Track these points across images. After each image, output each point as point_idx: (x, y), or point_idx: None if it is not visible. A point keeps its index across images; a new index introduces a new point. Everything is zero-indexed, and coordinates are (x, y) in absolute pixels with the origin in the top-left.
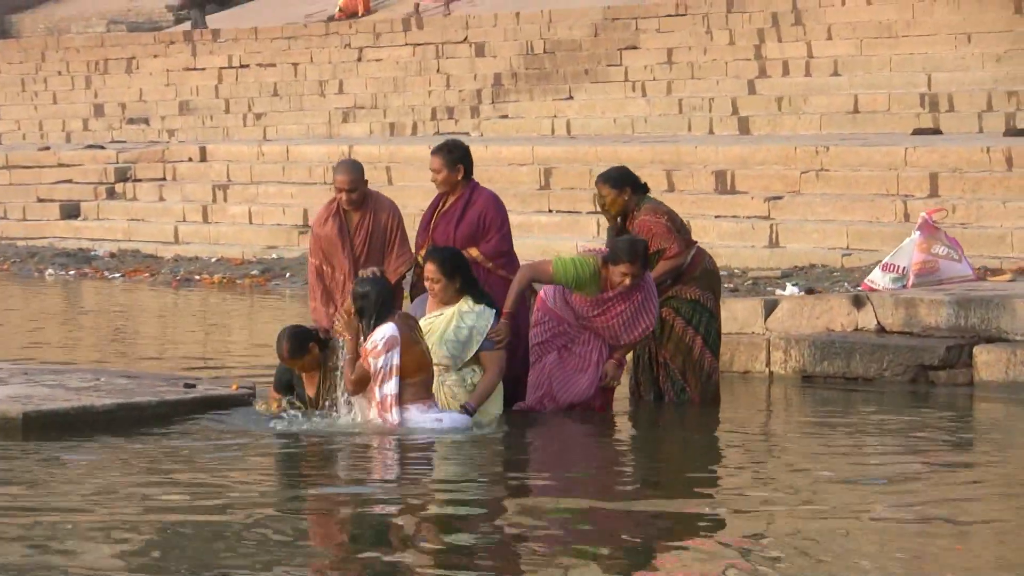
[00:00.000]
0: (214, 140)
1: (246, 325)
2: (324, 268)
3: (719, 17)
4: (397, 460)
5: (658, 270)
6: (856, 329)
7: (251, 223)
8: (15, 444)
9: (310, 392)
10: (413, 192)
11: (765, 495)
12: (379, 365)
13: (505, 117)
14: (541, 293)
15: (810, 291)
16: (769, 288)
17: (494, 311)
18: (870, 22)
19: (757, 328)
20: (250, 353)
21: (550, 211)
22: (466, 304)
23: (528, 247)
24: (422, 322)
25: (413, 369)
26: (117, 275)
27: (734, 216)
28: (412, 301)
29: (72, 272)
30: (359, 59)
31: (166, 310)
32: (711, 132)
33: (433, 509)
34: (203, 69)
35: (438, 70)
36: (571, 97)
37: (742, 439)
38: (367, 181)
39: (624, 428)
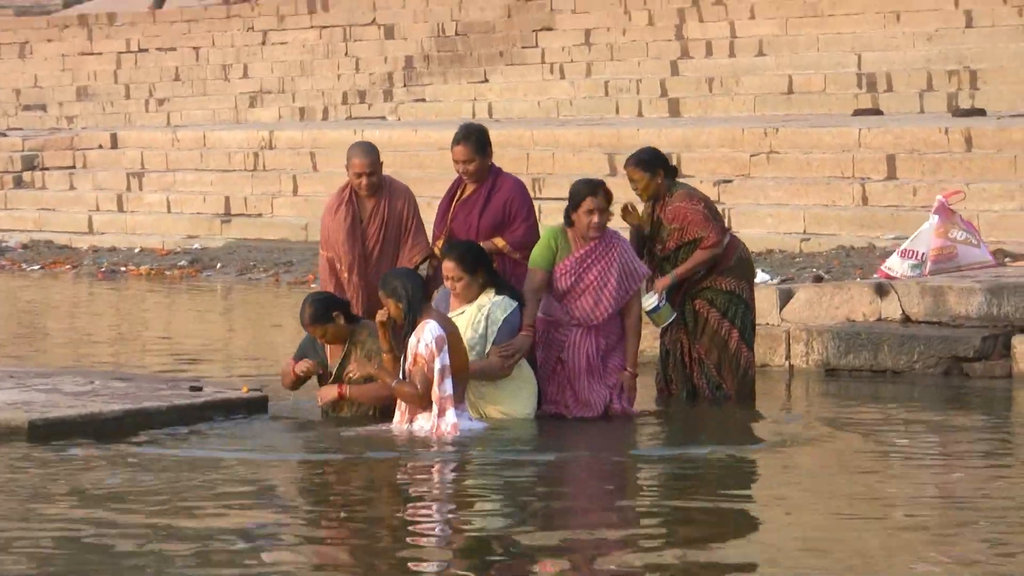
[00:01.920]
0: (116, 127)
1: (217, 320)
2: (335, 263)
3: None
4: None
5: (695, 260)
6: (879, 319)
7: (170, 212)
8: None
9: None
10: (339, 179)
11: None
12: (438, 367)
13: (422, 100)
14: None
15: (818, 279)
16: None
17: (516, 303)
18: (794, 1)
19: (772, 319)
20: (240, 350)
21: None
22: (486, 297)
23: None
24: None
25: (459, 369)
26: (35, 267)
27: None
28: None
29: None
30: (263, 42)
31: (119, 305)
32: (640, 114)
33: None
34: (100, 54)
35: (346, 53)
36: (486, 80)
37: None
38: (383, 164)
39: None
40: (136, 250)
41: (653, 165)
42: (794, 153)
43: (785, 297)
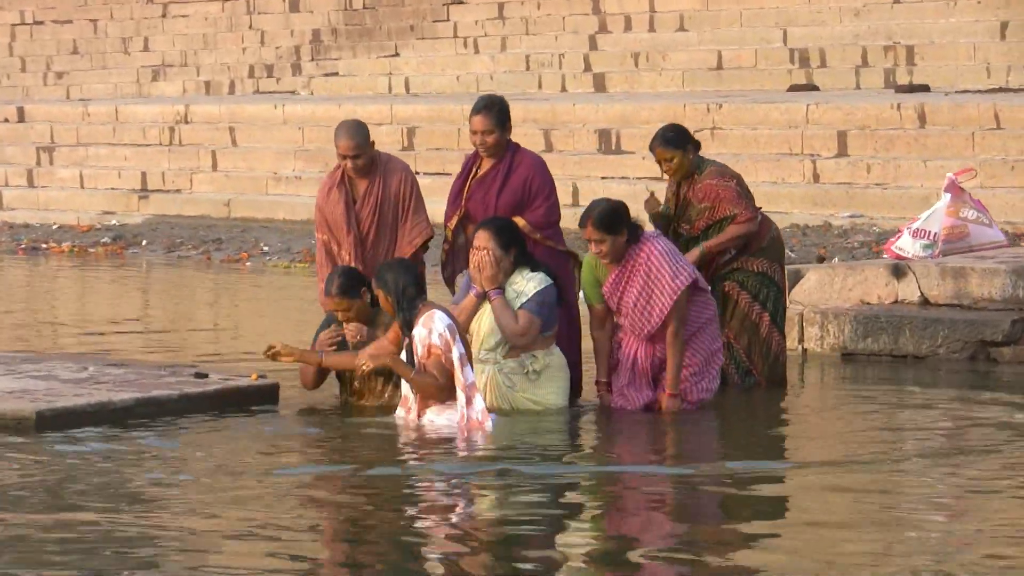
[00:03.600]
0: (16, 100)
1: (181, 300)
2: (332, 245)
3: None
4: None
5: (727, 234)
6: (896, 302)
7: (83, 187)
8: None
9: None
10: (260, 155)
11: None
12: (457, 355)
13: (334, 75)
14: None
15: (821, 259)
16: None
17: (550, 280)
18: None
19: None
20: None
21: (417, 172)
22: (520, 276)
23: None
24: None
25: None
26: None
27: (623, 177)
28: (444, 278)
29: None
30: (164, 15)
31: (65, 286)
32: (564, 89)
33: None
34: None
35: (251, 26)
36: (397, 54)
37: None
38: (374, 143)
39: None
40: (54, 226)
41: (683, 142)
42: (739, 129)
43: (794, 279)
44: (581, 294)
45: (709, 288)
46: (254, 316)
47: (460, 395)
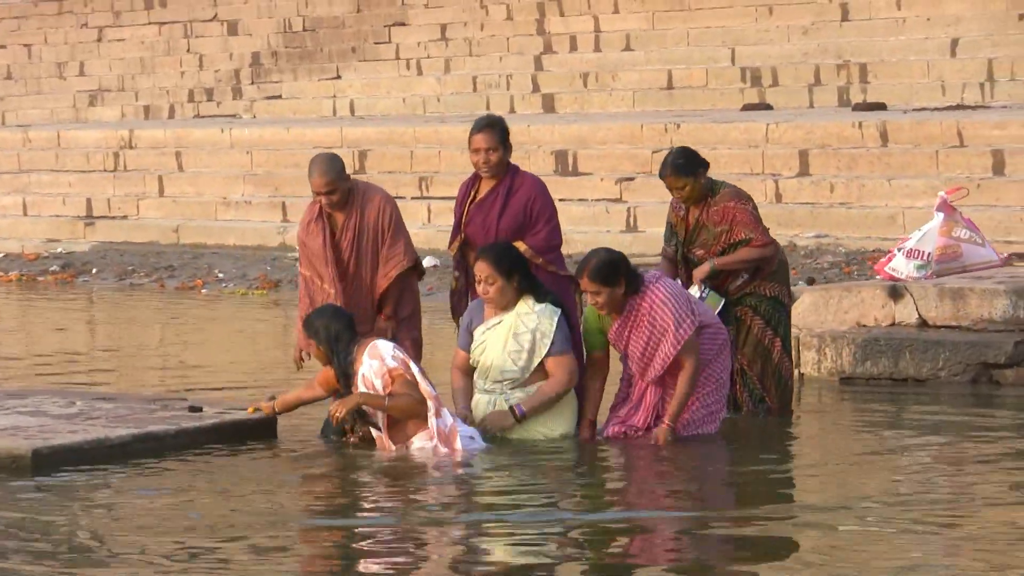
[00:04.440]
0: None
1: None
2: (315, 280)
3: None
4: None
5: (739, 255)
6: (893, 324)
7: (26, 214)
8: None
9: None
10: (208, 180)
11: None
12: (417, 370)
13: (277, 98)
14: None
15: (811, 281)
16: None
17: (559, 310)
18: None
19: None
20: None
21: None
22: (525, 305)
23: None
24: (478, 333)
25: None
26: None
27: (581, 199)
28: (454, 305)
29: None
30: (99, 39)
31: (38, 316)
32: (512, 111)
33: None
34: None
35: (188, 50)
36: (339, 76)
37: None
38: (349, 176)
39: None
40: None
41: (694, 167)
42: (699, 149)
43: None
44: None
45: (716, 319)
46: (220, 345)
47: (430, 404)
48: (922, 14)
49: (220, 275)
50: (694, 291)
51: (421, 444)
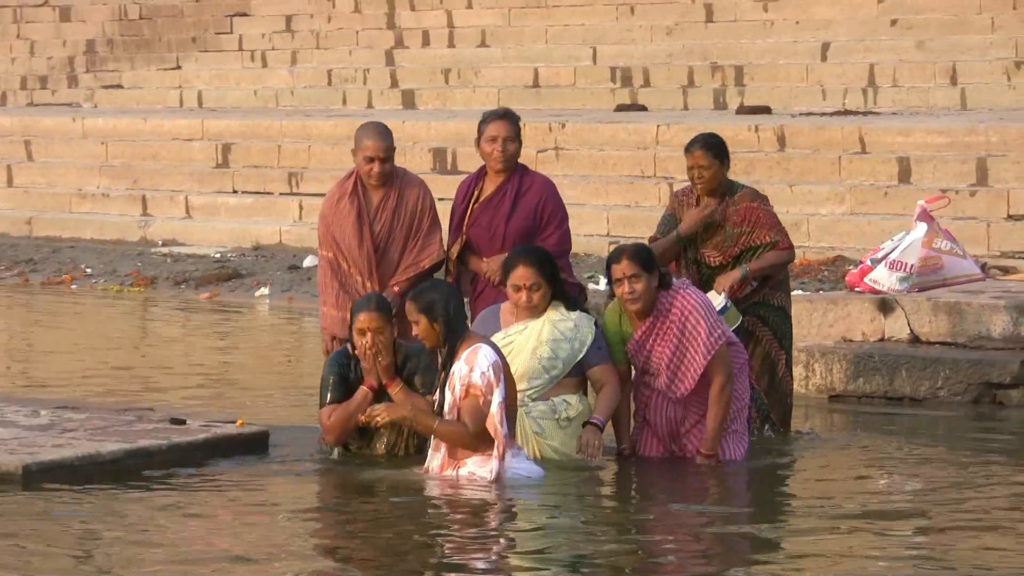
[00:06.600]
0: None
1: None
2: (340, 263)
3: None
4: None
5: (767, 260)
6: (883, 339)
7: None
8: None
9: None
10: (61, 170)
11: None
12: (497, 401)
13: (118, 87)
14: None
15: None
16: None
17: (593, 318)
18: None
19: None
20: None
21: (235, 191)
22: (558, 312)
23: (218, 231)
24: (497, 339)
25: (510, 402)
26: None
27: None
28: (473, 312)
29: None
30: None
31: None
32: (370, 106)
33: None
34: None
35: (19, 35)
36: (179, 67)
37: None
38: (395, 149)
39: None
40: None
41: (722, 154)
42: (585, 150)
43: None
44: None
45: (736, 338)
46: (125, 343)
47: (496, 447)
48: (790, 17)
49: (88, 271)
50: (720, 299)
51: (473, 469)
